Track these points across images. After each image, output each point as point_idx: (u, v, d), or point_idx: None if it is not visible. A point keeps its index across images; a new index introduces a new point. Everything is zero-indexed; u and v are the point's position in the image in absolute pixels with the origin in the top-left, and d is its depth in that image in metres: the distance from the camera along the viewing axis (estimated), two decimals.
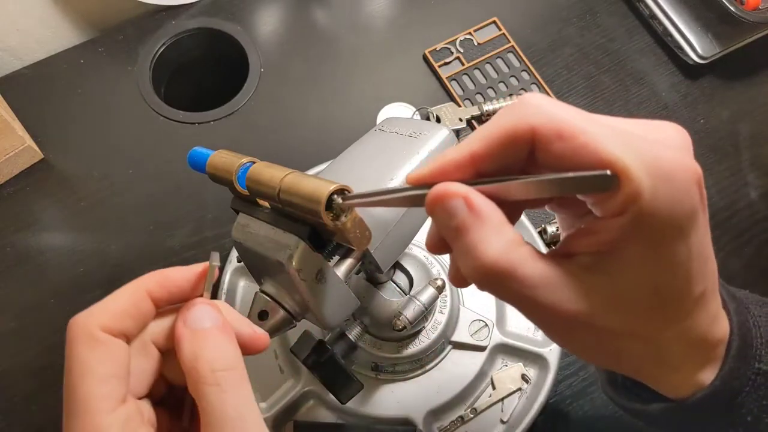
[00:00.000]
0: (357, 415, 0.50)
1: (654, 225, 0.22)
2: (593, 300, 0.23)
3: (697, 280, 0.24)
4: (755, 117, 0.70)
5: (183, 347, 0.27)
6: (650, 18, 0.73)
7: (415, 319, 0.45)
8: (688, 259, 0.23)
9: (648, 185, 0.21)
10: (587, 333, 0.24)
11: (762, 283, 0.62)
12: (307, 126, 0.67)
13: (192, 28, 0.71)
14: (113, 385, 0.25)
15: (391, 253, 0.39)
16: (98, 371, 0.25)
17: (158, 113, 0.67)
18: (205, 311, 0.28)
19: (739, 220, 0.65)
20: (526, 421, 0.51)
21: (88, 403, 0.24)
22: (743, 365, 0.26)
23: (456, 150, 0.25)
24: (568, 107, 0.24)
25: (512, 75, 0.70)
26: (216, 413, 0.25)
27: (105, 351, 0.25)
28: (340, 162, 0.42)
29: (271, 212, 0.33)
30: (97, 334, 0.25)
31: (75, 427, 0.24)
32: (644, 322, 0.24)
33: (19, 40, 0.70)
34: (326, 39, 0.72)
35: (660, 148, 0.22)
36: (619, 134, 0.22)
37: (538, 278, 0.23)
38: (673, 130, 0.25)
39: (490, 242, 0.23)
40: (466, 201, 0.24)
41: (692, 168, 0.22)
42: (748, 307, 0.29)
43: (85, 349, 0.25)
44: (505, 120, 0.24)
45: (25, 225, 0.62)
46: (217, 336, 0.27)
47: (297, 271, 0.31)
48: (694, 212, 0.22)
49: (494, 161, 0.24)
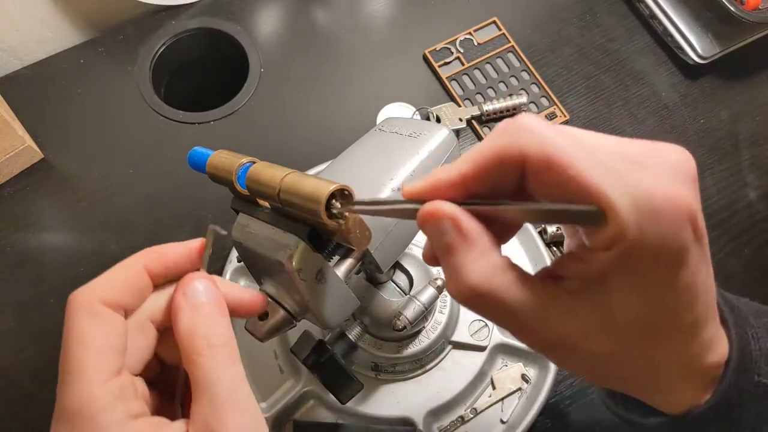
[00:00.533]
0: (357, 415, 0.50)
1: (639, 262, 0.22)
2: (578, 325, 0.23)
3: (686, 311, 0.24)
4: (755, 117, 0.70)
5: (181, 320, 0.27)
6: (650, 18, 0.73)
7: (415, 319, 0.45)
8: (675, 293, 0.23)
9: (634, 223, 0.21)
10: (573, 355, 0.25)
11: (761, 284, 0.62)
12: (307, 126, 0.67)
13: (192, 28, 0.71)
14: (109, 357, 0.25)
15: (391, 253, 0.39)
16: (96, 343, 0.25)
17: (158, 113, 0.67)
18: (204, 285, 0.28)
19: (738, 220, 0.65)
20: (526, 421, 0.51)
21: (83, 373, 0.25)
22: (743, 378, 0.26)
23: (448, 169, 0.25)
24: (561, 132, 0.23)
25: (512, 75, 0.70)
26: (209, 386, 0.25)
27: (104, 323, 0.26)
28: (340, 162, 0.42)
29: (271, 212, 0.33)
30: (97, 307, 0.26)
31: (68, 395, 0.25)
32: (631, 350, 0.24)
33: (19, 40, 0.70)
34: (326, 39, 0.72)
35: (654, 180, 0.22)
36: (611, 166, 0.22)
37: (520, 303, 0.24)
38: (677, 155, 0.24)
39: (473, 266, 0.24)
40: (454, 222, 0.24)
41: (684, 204, 0.22)
42: (747, 318, 0.28)
43: (85, 321, 0.25)
44: (496, 143, 0.24)
45: (25, 225, 0.62)
46: (214, 312, 0.28)
47: (297, 271, 0.31)
48: (683, 249, 0.22)
49: (485, 183, 0.24)
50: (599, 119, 0.69)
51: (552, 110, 0.68)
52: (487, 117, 0.67)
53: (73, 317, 0.26)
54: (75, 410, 0.24)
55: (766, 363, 0.27)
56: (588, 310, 0.23)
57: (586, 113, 0.69)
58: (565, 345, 0.24)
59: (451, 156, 0.41)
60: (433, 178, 0.25)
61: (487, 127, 0.68)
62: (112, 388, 0.25)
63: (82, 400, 0.24)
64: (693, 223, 0.22)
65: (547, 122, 0.24)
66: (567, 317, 0.23)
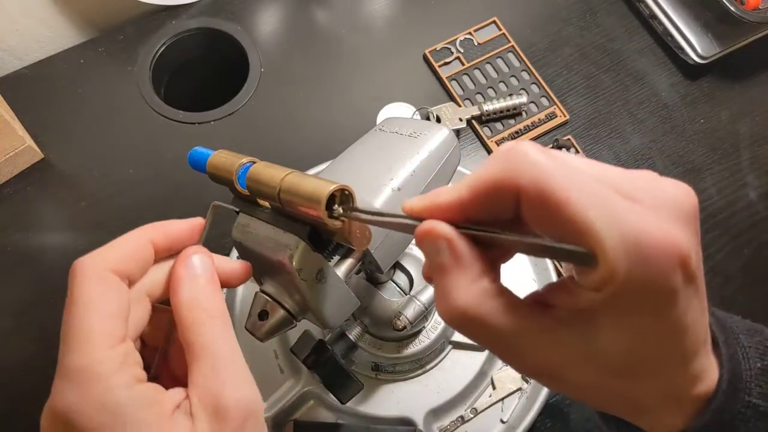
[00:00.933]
0: (357, 415, 0.50)
1: (627, 304, 0.22)
2: (564, 355, 0.24)
3: (673, 349, 0.24)
4: (755, 117, 0.70)
5: (182, 291, 0.28)
6: (650, 18, 0.73)
7: (415, 318, 0.45)
8: (662, 333, 0.23)
9: (623, 268, 0.21)
10: (559, 382, 0.25)
11: (761, 284, 0.62)
12: (308, 126, 0.67)
13: (192, 28, 0.71)
14: (116, 324, 0.26)
15: (392, 253, 0.39)
16: (103, 308, 0.26)
17: (158, 113, 0.67)
18: (205, 260, 0.30)
19: (738, 220, 0.65)
20: (526, 421, 0.51)
21: (90, 337, 0.25)
22: (733, 399, 0.26)
23: (448, 191, 0.25)
24: (558, 164, 0.23)
25: (512, 75, 0.70)
26: (211, 354, 0.27)
27: (111, 290, 0.27)
28: (340, 162, 0.42)
29: (271, 212, 0.33)
30: (105, 274, 0.27)
31: (74, 357, 0.25)
32: (615, 382, 0.24)
33: (19, 40, 0.70)
34: (326, 39, 0.72)
35: (648, 220, 0.21)
36: (607, 204, 0.21)
37: (507, 330, 0.24)
38: (677, 191, 0.23)
39: (463, 290, 0.24)
40: (449, 244, 0.24)
41: (674, 247, 0.21)
42: (738, 337, 0.28)
43: (92, 287, 0.26)
44: (492, 172, 0.24)
45: (25, 225, 0.62)
46: (210, 285, 0.29)
47: (297, 271, 0.31)
48: (672, 293, 0.22)
49: (481, 209, 0.24)
50: (599, 119, 0.69)
51: (552, 110, 0.68)
52: (487, 117, 0.67)
53: (80, 282, 0.26)
54: (82, 372, 0.25)
55: (756, 384, 0.27)
56: (575, 341, 0.23)
57: (586, 113, 0.69)
58: (551, 373, 0.24)
59: (452, 156, 0.41)
60: (433, 199, 0.25)
61: (488, 127, 0.68)
62: (119, 352, 0.26)
63: (90, 363, 0.25)
64: (683, 265, 0.22)
65: (546, 152, 0.23)
66: (553, 347, 0.24)
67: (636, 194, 0.22)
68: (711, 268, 0.62)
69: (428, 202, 0.25)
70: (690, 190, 0.24)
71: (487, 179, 0.24)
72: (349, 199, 0.30)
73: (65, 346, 0.26)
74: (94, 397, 0.25)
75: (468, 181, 0.25)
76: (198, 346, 0.27)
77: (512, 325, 0.24)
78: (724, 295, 0.62)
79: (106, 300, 0.26)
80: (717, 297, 0.62)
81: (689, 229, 0.22)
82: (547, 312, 0.24)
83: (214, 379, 0.27)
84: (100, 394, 0.25)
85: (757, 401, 0.26)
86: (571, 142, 0.67)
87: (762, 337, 0.29)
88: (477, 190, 0.24)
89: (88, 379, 0.25)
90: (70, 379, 0.25)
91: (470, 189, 0.24)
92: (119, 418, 0.25)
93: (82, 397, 0.25)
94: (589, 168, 0.23)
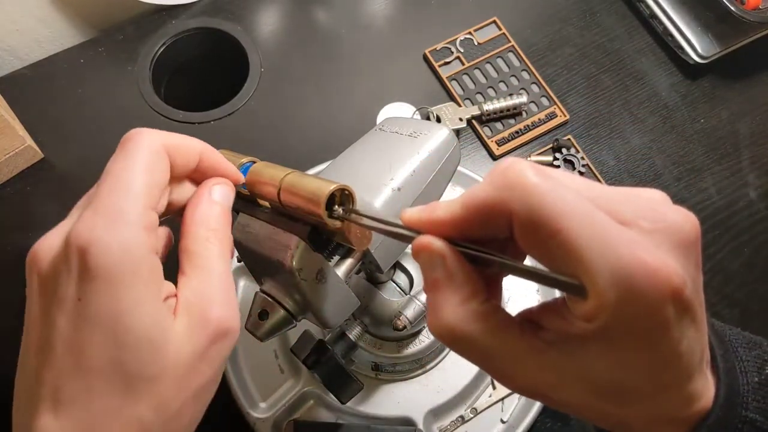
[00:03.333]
0: (357, 415, 0.50)
1: (617, 335, 0.22)
2: (552, 377, 0.24)
3: (665, 376, 0.23)
4: (755, 117, 0.70)
5: (200, 206, 0.30)
6: (650, 18, 0.73)
7: (415, 318, 0.45)
8: (653, 363, 0.22)
9: (614, 301, 0.20)
10: (547, 400, 0.25)
11: (761, 283, 0.62)
12: (308, 126, 0.67)
13: (192, 28, 0.71)
14: (157, 193, 0.28)
15: (392, 252, 0.39)
16: (152, 175, 0.28)
17: (158, 113, 0.67)
18: (227, 193, 0.31)
19: (738, 219, 0.65)
20: (526, 421, 0.51)
21: (136, 190, 0.27)
22: (730, 414, 0.26)
23: (444, 207, 0.25)
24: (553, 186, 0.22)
25: (512, 75, 0.70)
26: (206, 265, 0.29)
27: (162, 163, 0.29)
28: (340, 162, 0.42)
29: (271, 212, 0.33)
30: (161, 149, 0.29)
31: (114, 200, 0.26)
32: (604, 405, 0.24)
33: (19, 40, 0.70)
34: (326, 39, 0.72)
35: (641, 251, 0.21)
36: (600, 230, 0.21)
37: (496, 351, 0.24)
38: (677, 218, 0.22)
39: (451, 309, 0.24)
40: (443, 262, 0.24)
41: (668, 279, 0.21)
42: (737, 350, 0.28)
43: (148, 154, 0.28)
44: (485, 194, 0.23)
45: (25, 225, 0.62)
46: (224, 215, 0.31)
47: (297, 271, 0.31)
48: (664, 326, 0.21)
49: (476, 227, 0.24)
50: (599, 119, 0.69)
51: (552, 110, 0.68)
52: (487, 117, 0.67)
53: (137, 144, 0.28)
54: (121, 213, 0.26)
55: (753, 398, 0.26)
56: (564, 363, 0.23)
57: (586, 113, 0.69)
58: (540, 393, 0.24)
59: (452, 156, 0.41)
60: (430, 213, 0.25)
61: (488, 126, 0.68)
62: (151, 218, 0.27)
63: (131, 209, 0.26)
64: (675, 297, 0.21)
65: (541, 174, 0.22)
66: (542, 369, 0.24)
67: (633, 218, 0.22)
68: (711, 268, 0.62)
69: (426, 216, 0.25)
70: (692, 216, 0.23)
71: (480, 200, 0.24)
72: (349, 199, 0.30)
73: (109, 186, 0.27)
74: (124, 239, 0.25)
75: (463, 199, 0.25)
76: (197, 256, 0.29)
77: (501, 346, 0.24)
78: (724, 293, 0.62)
79: (157, 170, 0.28)
80: (717, 296, 0.62)
81: (687, 257, 0.22)
82: (538, 333, 0.24)
83: (206, 290, 0.28)
84: (128, 238, 0.25)
85: (754, 416, 0.26)
86: (571, 142, 0.67)
87: (761, 350, 0.28)
88: (471, 209, 0.24)
89: (125, 222, 0.26)
90: (106, 215, 0.26)
91: (464, 207, 0.24)
92: (132, 269, 0.25)
93: (112, 235, 0.25)
94: (587, 190, 0.23)
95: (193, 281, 0.28)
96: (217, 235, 0.30)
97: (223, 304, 0.28)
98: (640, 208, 0.22)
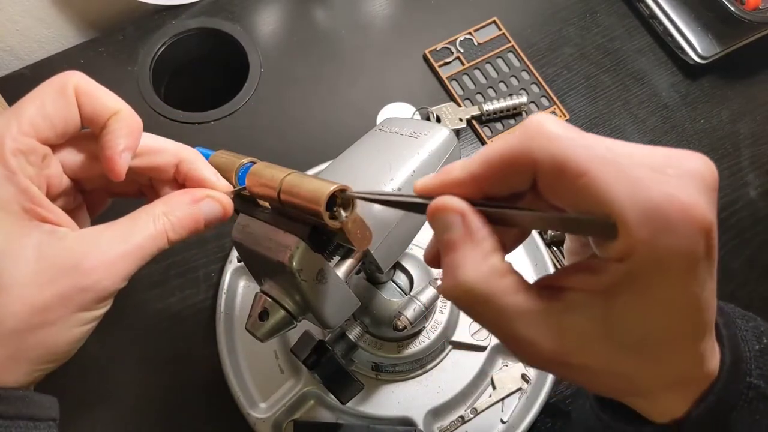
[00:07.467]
0: (357, 415, 0.50)
1: (649, 274, 0.21)
2: (571, 340, 0.23)
3: (687, 326, 0.23)
4: (755, 117, 0.70)
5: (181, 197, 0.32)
6: (650, 18, 0.73)
7: (415, 319, 0.45)
8: (679, 308, 0.22)
9: (646, 236, 0.20)
10: (564, 367, 0.24)
11: (762, 282, 0.62)
12: (308, 126, 0.67)
13: (192, 28, 0.71)
14: (41, 120, 0.30)
15: (392, 253, 0.39)
16: (46, 105, 0.31)
17: (158, 113, 0.67)
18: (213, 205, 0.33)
19: (738, 219, 0.65)
20: (527, 421, 0.51)
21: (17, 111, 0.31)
22: (736, 380, 0.26)
23: (460, 167, 0.25)
24: (576, 136, 0.22)
25: (512, 75, 0.70)
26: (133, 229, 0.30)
27: (61, 100, 0.31)
28: (340, 162, 0.42)
29: (271, 212, 0.33)
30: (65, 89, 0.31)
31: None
32: (624, 364, 0.24)
33: (19, 40, 0.70)
34: (326, 39, 0.72)
35: (671, 189, 0.21)
36: (626, 174, 0.21)
37: (515, 311, 0.23)
38: (698, 163, 0.23)
39: (473, 265, 0.23)
40: (462, 218, 0.24)
41: (700, 217, 0.21)
42: (735, 321, 0.28)
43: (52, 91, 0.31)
44: (508, 145, 0.23)
45: None
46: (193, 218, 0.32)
47: (297, 271, 0.31)
48: (694, 262, 0.21)
49: (496, 184, 0.24)
50: (599, 119, 0.69)
51: (552, 110, 0.68)
52: (487, 117, 0.67)
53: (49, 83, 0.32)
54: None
55: (756, 365, 0.27)
56: (586, 323, 0.23)
57: (586, 113, 0.69)
58: (558, 361, 0.24)
59: (452, 156, 0.41)
60: (445, 176, 0.25)
61: (488, 127, 0.68)
62: (27, 143, 0.30)
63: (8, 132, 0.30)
64: (707, 235, 0.21)
65: (565, 125, 0.23)
66: (563, 331, 0.23)
67: (656, 166, 0.22)
68: None
69: (441, 179, 0.25)
70: (711, 163, 0.23)
71: (501, 153, 0.23)
72: (349, 199, 0.30)
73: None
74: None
75: (481, 155, 0.24)
76: (137, 218, 0.31)
77: (521, 306, 0.23)
78: (725, 293, 0.62)
79: (48, 103, 0.31)
80: (717, 295, 0.61)
81: (711, 200, 0.22)
82: (558, 295, 0.24)
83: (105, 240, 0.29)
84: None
85: (758, 382, 0.26)
86: None
87: (755, 323, 0.29)
88: (492, 163, 0.24)
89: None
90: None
91: (484, 163, 0.24)
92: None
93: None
94: (608, 141, 0.23)
95: (112, 227, 0.30)
96: (168, 223, 0.31)
97: (107, 264, 0.28)
98: (659, 157, 0.23)
